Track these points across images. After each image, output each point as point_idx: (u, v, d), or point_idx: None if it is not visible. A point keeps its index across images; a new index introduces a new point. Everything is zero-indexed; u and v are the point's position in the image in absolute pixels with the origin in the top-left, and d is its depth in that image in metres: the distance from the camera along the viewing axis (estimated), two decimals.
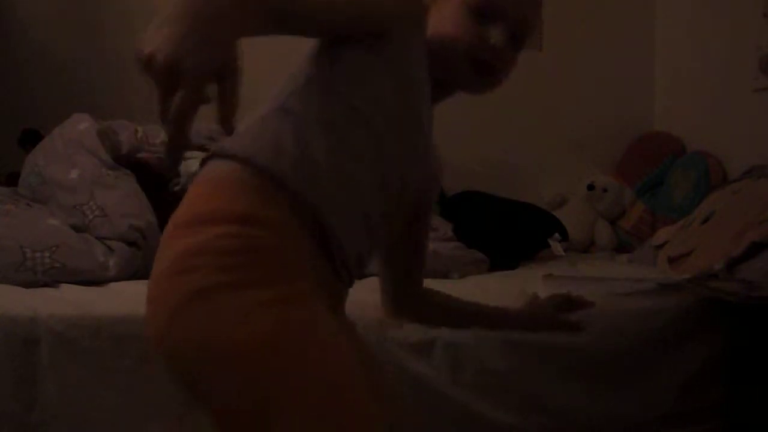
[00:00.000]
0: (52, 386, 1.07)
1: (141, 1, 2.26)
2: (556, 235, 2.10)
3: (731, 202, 1.80)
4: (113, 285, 1.29)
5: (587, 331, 1.29)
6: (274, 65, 1.16)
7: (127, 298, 1.20)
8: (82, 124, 1.64)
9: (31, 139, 1.77)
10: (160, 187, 1.59)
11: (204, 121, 2.01)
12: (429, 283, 1.49)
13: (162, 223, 1.50)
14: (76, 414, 1.08)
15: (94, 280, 1.30)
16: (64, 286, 1.25)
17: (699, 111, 2.44)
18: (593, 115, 2.61)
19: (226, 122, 0.59)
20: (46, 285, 1.25)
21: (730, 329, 1.42)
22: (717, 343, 1.42)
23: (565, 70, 2.57)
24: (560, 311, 1.25)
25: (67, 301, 1.17)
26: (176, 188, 1.60)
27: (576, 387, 1.33)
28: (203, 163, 0.79)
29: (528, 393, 1.29)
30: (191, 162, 1.65)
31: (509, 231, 1.94)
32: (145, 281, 1.32)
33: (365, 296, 1.11)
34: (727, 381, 1.42)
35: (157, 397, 1.13)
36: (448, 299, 1.19)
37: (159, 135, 1.79)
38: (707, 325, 1.43)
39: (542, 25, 2.57)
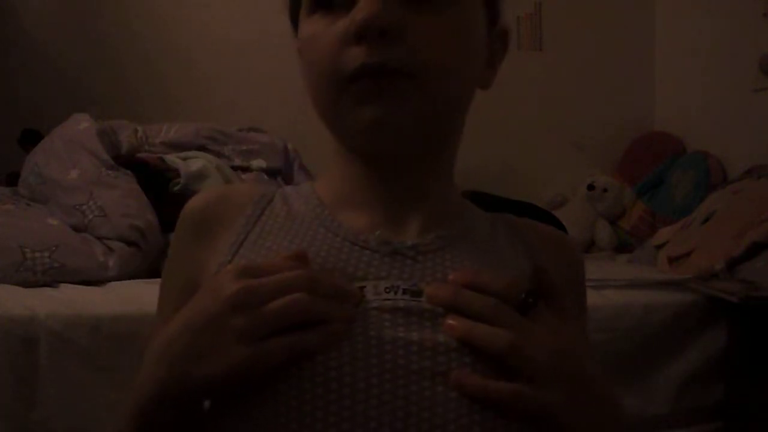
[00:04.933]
0: (52, 385, 1.07)
1: (140, 1, 2.27)
2: None
3: (731, 202, 1.80)
4: (113, 285, 1.29)
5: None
6: None
7: (126, 298, 1.20)
8: (82, 124, 1.64)
9: (31, 139, 1.77)
10: (160, 187, 1.59)
11: (204, 121, 2.01)
12: None
13: (162, 223, 1.50)
14: (76, 413, 1.08)
15: (93, 279, 1.29)
16: (64, 286, 1.24)
17: (699, 111, 2.44)
18: (593, 115, 2.61)
19: None
20: (45, 285, 1.24)
21: (730, 329, 1.42)
22: (717, 343, 1.42)
23: (565, 70, 2.57)
24: None
25: (67, 300, 1.17)
26: (176, 188, 1.60)
27: None
28: None
29: None
30: (191, 162, 1.66)
31: None
32: (145, 281, 1.33)
33: None
34: (727, 381, 1.42)
35: None
36: None
37: (159, 135, 1.79)
38: (707, 324, 1.43)
39: (542, 25, 2.57)
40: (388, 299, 0.53)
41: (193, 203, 0.65)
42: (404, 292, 0.54)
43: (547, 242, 0.67)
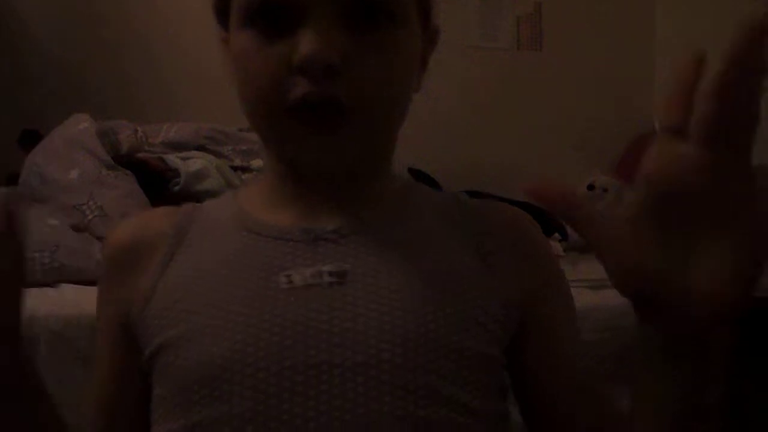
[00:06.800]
0: (51, 385, 1.07)
1: (141, 1, 2.27)
2: (556, 234, 2.10)
3: None
4: None
5: (586, 328, 1.29)
6: None
7: None
8: (82, 124, 1.64)
9: (31, 139, 1.77)
10: (160, 187, 1.59)
11: (204, 121, 2.01)
12: None
13: None
14: (75, 413, 1.08)
15: (93, 280, 1.29)
16: (64, 286, 1.25)
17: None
18: (593, 115, 2.60)
19: None
20: (45, 285, 1.25)
21: (729, 329, 1.42)
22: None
23: (565, 70, 2.57)
24: None
25: (66, 300, 1.17)
26: (176, 188, 1.60)
27: None
28: None
29: None
30: (191, 162, 1.66)
31: None
32: None
33: None
34: (727, 381, 1.42)
35: None
36: None
37: (159, 135, 1.79)
38: None
39: (542, 25, 2.57)
40: (313, 284, 0.54)
41: (115, 237, 0.67)
42: (330, 274, 0.55)
43: (498, 221, 0.65)
